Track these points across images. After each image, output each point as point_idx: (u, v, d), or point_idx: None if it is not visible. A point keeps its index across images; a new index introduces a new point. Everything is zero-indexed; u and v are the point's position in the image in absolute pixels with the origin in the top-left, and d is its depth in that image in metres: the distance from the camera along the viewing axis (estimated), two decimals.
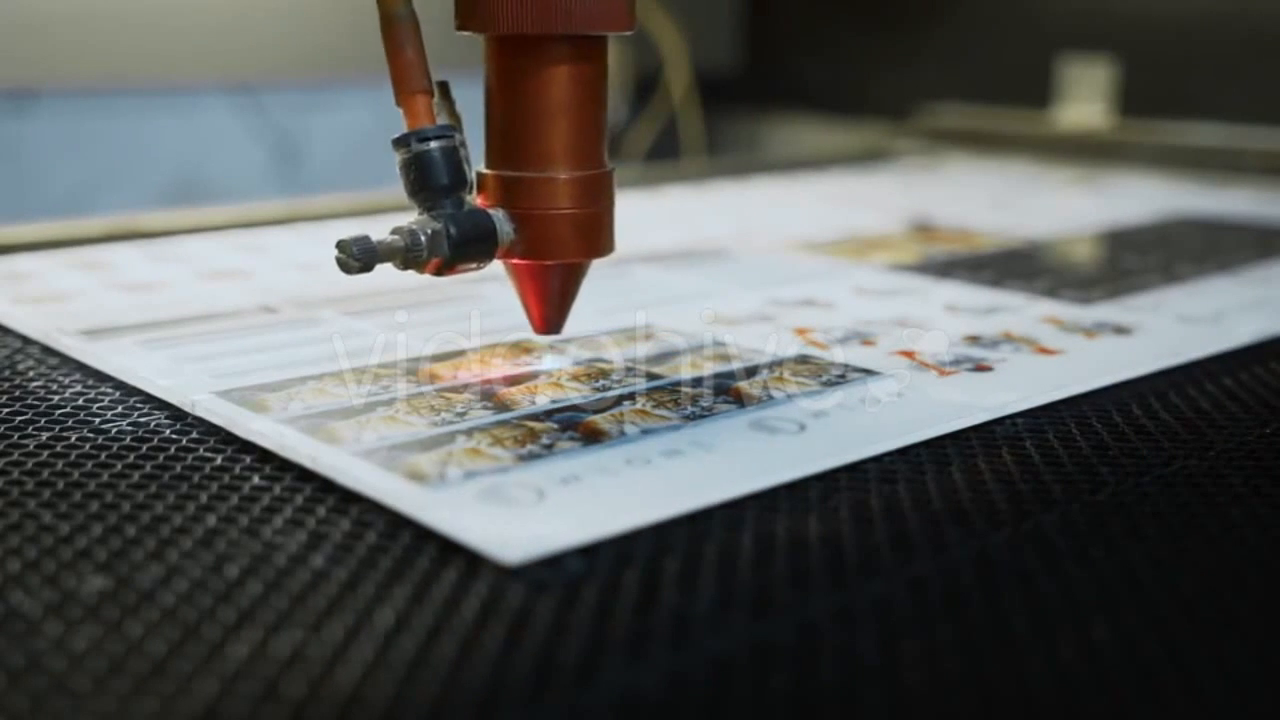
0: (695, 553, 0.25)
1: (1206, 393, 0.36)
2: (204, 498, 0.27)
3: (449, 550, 0.25)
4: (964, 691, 0.20)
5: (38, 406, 0.33)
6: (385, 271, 0.48)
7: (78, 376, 0.36)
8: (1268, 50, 0.87)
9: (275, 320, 0.42)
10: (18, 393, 0.34)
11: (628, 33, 0.33)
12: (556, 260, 0.34)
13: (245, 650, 0.21)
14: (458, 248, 0.32)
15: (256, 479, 0.28)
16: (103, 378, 0.36)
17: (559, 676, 0.20)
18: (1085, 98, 0.95)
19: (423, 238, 0.32)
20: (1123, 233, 0.62)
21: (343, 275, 0.34)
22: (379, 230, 0.33)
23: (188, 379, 0.34)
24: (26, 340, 0.40)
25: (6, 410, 0.33)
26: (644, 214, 0.65)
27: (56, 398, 0.34)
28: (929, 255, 0.55)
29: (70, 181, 0.87)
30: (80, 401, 0.33)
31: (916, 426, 0.32)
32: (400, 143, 0.32)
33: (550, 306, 0.35)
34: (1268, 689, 0.21)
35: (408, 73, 0.32)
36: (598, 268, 0.36)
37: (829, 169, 0.84)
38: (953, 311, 0.44)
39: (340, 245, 0.32)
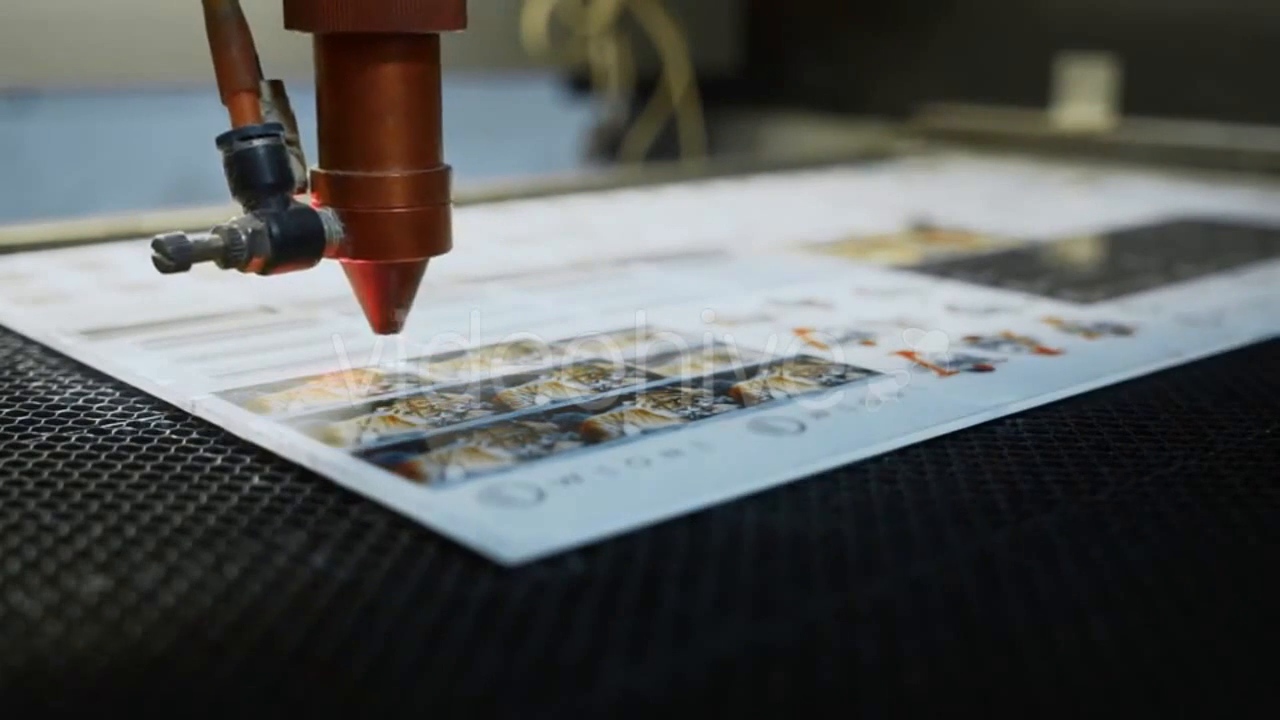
0: (695, 553, 0.25)
1: (1206, 393, 0.36)
2: (204, 498, 0.27)
3: (449, 550, 0.25)
4: (964, 691, 0.20)
5: (38, 406, 0.33)
6: None
7: (78, 376, 0.36)
8: (1268, 50, 0.87)
9: (275, 320, 0.42)
10: (18, 393, 0.34)
11: (458, 30, 0.33)
12: (388, 259, 0.33)
13: (245, 650, 0.21)
14: (280, 247, 0.32)
15: (256, 479, 0.28)
16: (103, 378, 0.36)
17: (559, 676, 0.20)
18: (1085, 98, 0.95)
19: (243, 236, 0.32)
20: (1123, 233, 0.62)
21: (343, 275, 0.34)
22: None
23: (188, 379, 0.34)
24: (26, 340, 0.40)
25: (6, 410, 0.33)
26: (644, 214, 0.65)
27: (56, 398, 0.34)
28: (929, 255, 0.55)
29: (70, 181, 0.87)
30: (80, 401, 0.33)
31: (916, 426, 0.32)
32: (223, 141, 0.32)
33: (385, 306, 0.34)
34: (1268, 689, 0.21)
35: (232, 71, 0.32)
36: (599, 268, 0.36)
37: (829, 169, 0.84)
38: (953, 311, 0.44)
39: (155, 244, 0.31)
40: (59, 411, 0.33)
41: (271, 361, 0.36)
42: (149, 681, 0.20)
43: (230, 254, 0.32)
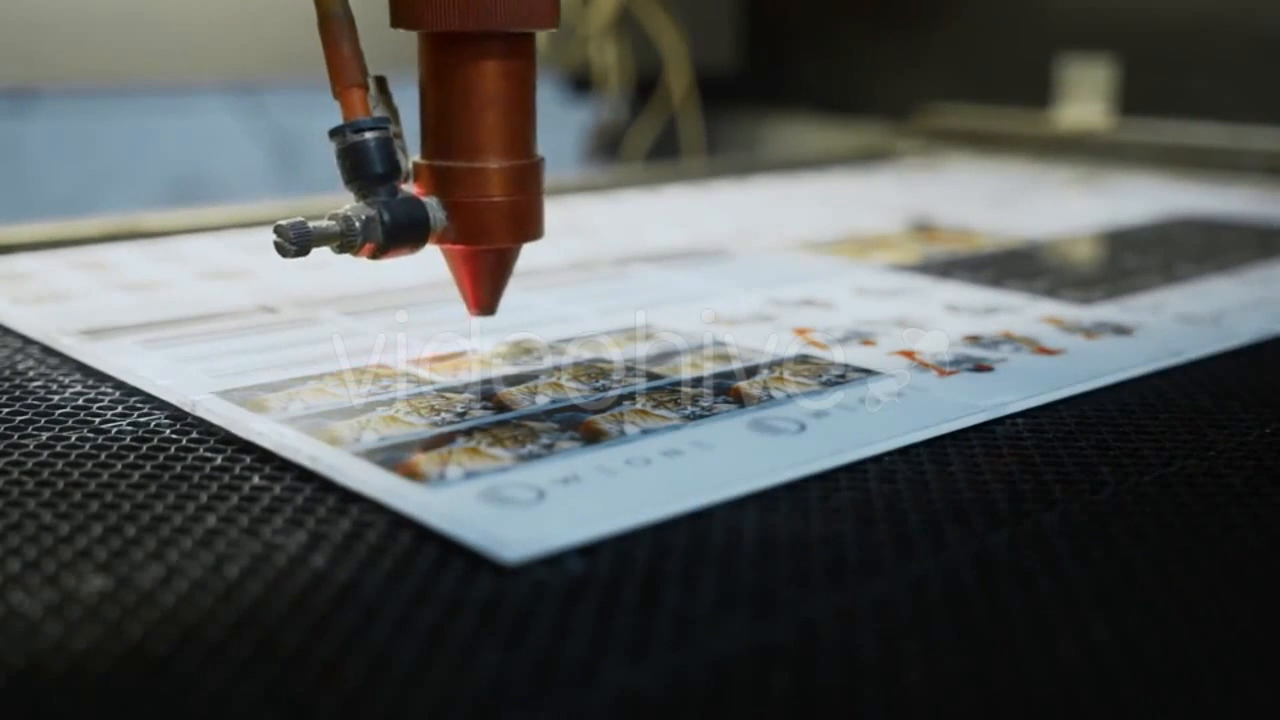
0: (695, 553, 0.25)
1: (1206, 393, 0.36)
2: (204, 498, 0.27)
3: (449, 550, 0.25)
4: (964, 691, 0.20)
5: (38, 406, 0.33)
6: (385, 270, 0.48)
7: (78, 376, 0.36)
8: (1268, 50, 0.87)
9: (275, 320, 0.42)
10: (18, 393, 0.34)
11: (552, 29, 0.34)
12: (486, 246, 0.35)
13: (246, 651, 0.21)
14: (391, 233, 0.34)
15: (256, 479, 0.28)
16: (103, 378, 0.36)
17: (559, 676, 0.20)
18: (1085, 98, 0.95)
19: (357, 223, 0.33)
20: (1123, 233, 0.62)
21: (343, 275, 0.34)
22: None
23: (188, 379, 0.34)
24: (26, 340, 0.40)
25: (6, 410, 0.33)
26: (644, 214, 0.65)
27: (56, 398, 0.34)
28: (929, 255, 0.55)
29: (70, 181, 0.87)
30: (80, 401, 0.33)
31: (916, 426, 0.32)
32: (336, 133, 0.34)
33: (483, 289, 0.36)
34: (1268, 689, 0.21)
35: (344, 67, 0.34)
36: (599, 268, 0.36)
37: (829, 169, 0.84)
38: (953, 311, 0.44)
39: (277, 229, 0.33)
40: (59, 411, 0.33)
41: (271, 361, 0.36)
42: (149, 681, 0.20)
43: (345, 239, 0.33)
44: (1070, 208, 0.70)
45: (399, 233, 0.34)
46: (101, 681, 0.20)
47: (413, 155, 0.35)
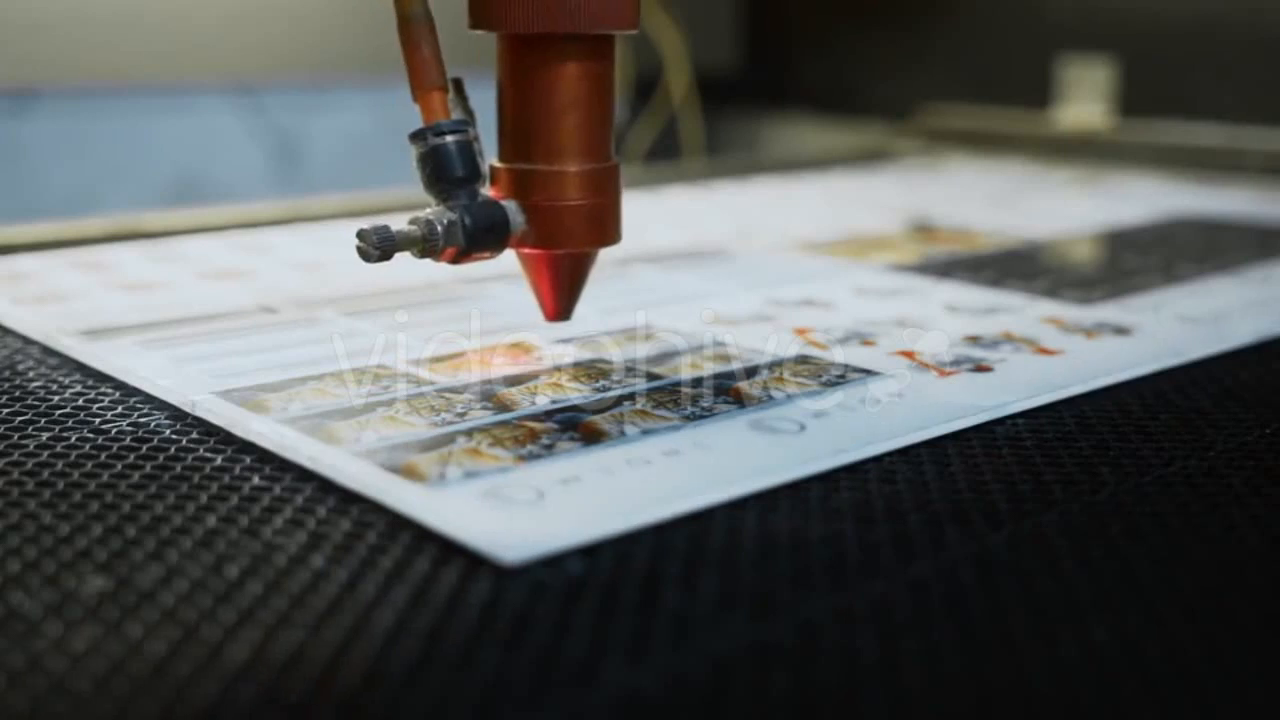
0: (695, 553, 0.25)
1: (1206, 393, 0.36)
2: (204, 498, 0.27)
3: (449, 550, 0.25)
4: (963, 691, 0.20)
5: (38, 406, 0.33)
6: (385, 270, 0.48)
7: (78, 376, 0.36)
8: (1268, 50, 0.87)
9: (275, 320, 0.42)
10: (18, 393, 0.34)
11: (632, 31, 0.34)
12: (566, 250, 0.35)
13: (245, 651, 0.21)
14: (472, 237, 0.33)
15: (256, 479, 0.28)
16: (103, 378, 0.36)
17: (559, 676, 0.20)
18: (1085, 98, 0.95)
19: (439, 227, 0.33)
20: (1123, 233, 0.62)
21: (343, 275, 0.34)
22: None
23: (188, 379, 0.34)
24: (26, 340, 0.40)
25: (6, 410, 0.33)
26: (644, 214, 0.65)
27: (56, 398, 0.34)
28: (929, 255, 0.55)
29: (70, 181, 0.87)
30: (80, 401, 0.33)
31: (916, 426, 0.32)
32: (417, 137, 0.34)
33: (560, 294, 0.36)
34: (1268, 689, 0.21)
35: (424, 70, 0.33)
36: (598, 268, 0.36)
37: (829, 169, 0.84)
38: (953, 311, 0.44)
39: (360, 234, 0.33)
40: (59, 411, 0.33)
41: (271, 361, 0.36)
42: (149, 681, 0.20)
43: (427, 243, 0.33)
44: (1070, 208, 0.70)
45: (480, 236, 0.34)
46: (101, 681, 0.20)
47: (489, 158, 0.35)
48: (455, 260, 0.34)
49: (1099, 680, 0.21)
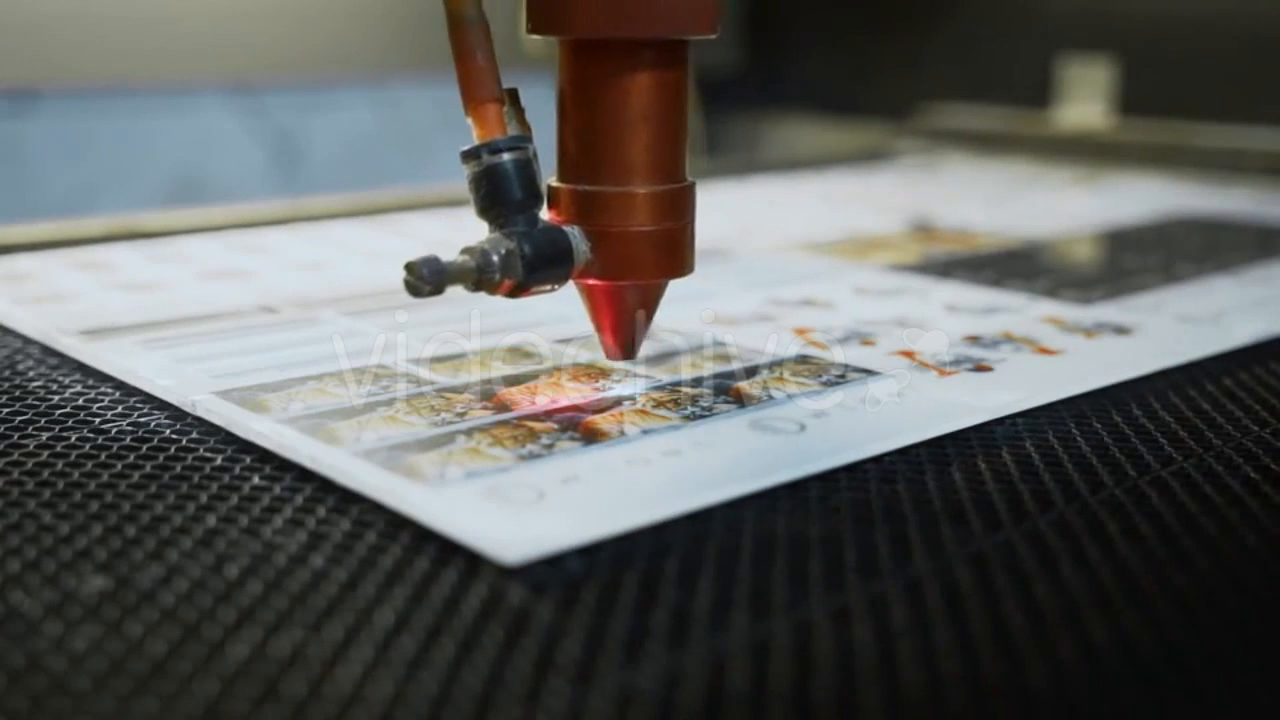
0: (695, 553, 0.25)
1: (1206, 393, 0.36)
2: (204, 498, 0.27)
3: (449, 550, 0.25)
4: (962, 692, 0.20)
5: (38, 406, 0.33)
6: (384, 272, 0.48)
7: (78, 376, 0.36)
8: (1268, 50, 0.87)
9: (275, 320, 0.42)
10: (18, 393, 0.34)
11: (711, 35, 0.31)
12: (635, 281, 0.32)
13: (245, 650, 0.21)
14: (532, 268, 0.30)
15: (256, 479, 0.28)
16: (103, 378, 0.36)
17: (559, 676, 0.20)
18: (1085, 98, 0.95)
19: (495, 258, 0.30)
20: (1123, 233, 0.62)
21: (343, 275, 0.34)
22: (380, 231, 0.33)
23: (188, 379, 0.34)
24: (26, 340, 0.40)
25: (6, 410, 0.33)
26: None
27: (56, 398, 0.34)
28: (929, 255, 0.55)
29: (70, 181, 0.87)
30: (80, 401, 0.33)
31: (916, 426, 0.32)
32: (471, 155, 0.31)
33: (625, 330, 0.33)
34: (1267, 689, 0.21)
35: (478, 80, 0.30)
36: None
37: (829, 169, 0.84)
38: (953, 311, 0.44)
39: (409, 267, 0.29)
40: (59, 411, 0.33)
41: (271, 361, 0.36)
42: (149, 681, 0.20)
43: (483, 276, 0.30)
44: (1070, 208, 0.70)
45: (541, 267, 0.30)
46: (101, 681, 0.20)
47: (548, 178, 0.32)
48: (513, 294, 0.31)
49: (1097, 681, 0.21)
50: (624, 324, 0.33)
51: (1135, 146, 0.88)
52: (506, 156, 0.30)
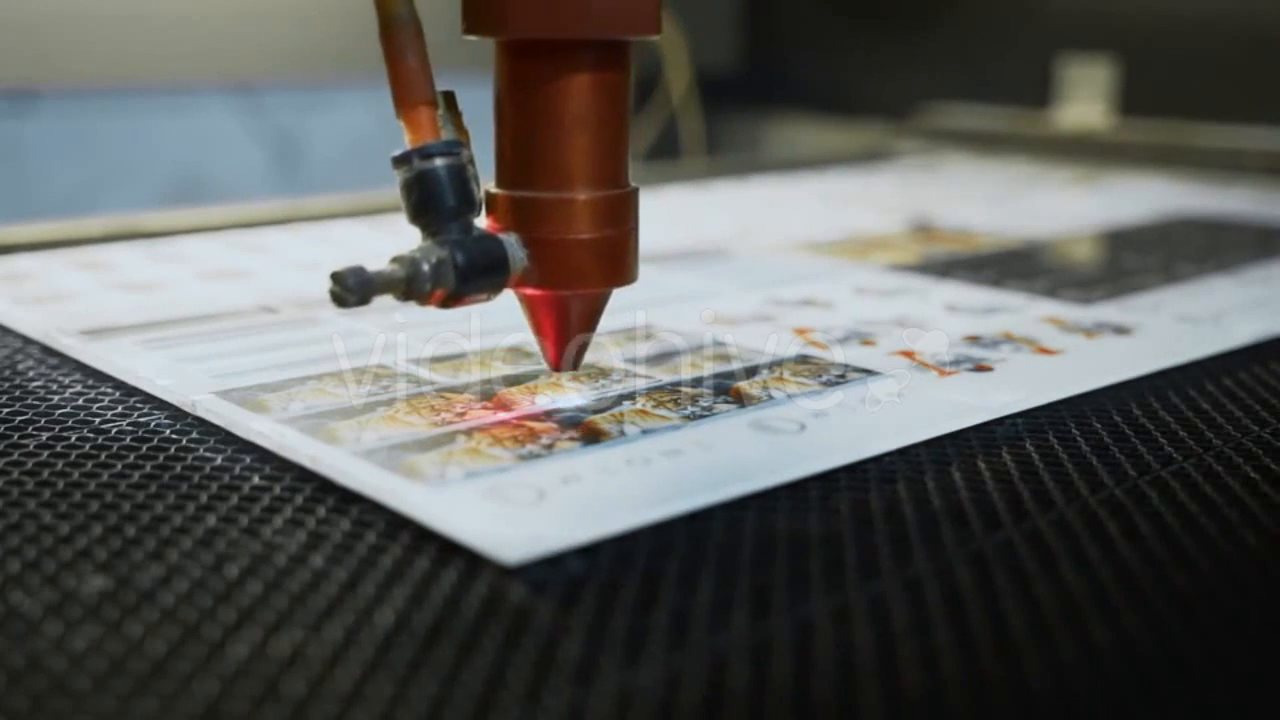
0: (695, 553, 0.25)
1: (1206, 393, 0.36)
2: (204, 498, 0.27)
3: (449, 550, 0.25)
4: (962, 692, 0.20)
5: (38, 406, 0.33)
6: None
7: (78, 376, 0.36)
8: (1268, 50, 0.87)
9: (275, 320, 0.42)
10: (18, 393, 0.34)
11: (654, 36, 0.30)
12: (575, 290, 0.31)
13: (245, 650, 0.21)
14: (465, 278, 0.29)
15: (256, 479, 0.28)
16: (103, 378, 0.36)
17: (559, 676, 0.20)
18: (1085, 98, 0.95)
19: (426, 267, 0.29)
20: (1123, 233, 0.62)
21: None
22: (380, 231, 0.33)
23: (188, 379, 0.34)
24: (26, 340, 0.40)
25: (6, 410, 0.33)
26: (644, 214, 0.64)
27: (56, 398, 0.34)
28: (929, 255, 0.55)
29: (70, 181, 0.87)
30: (80, 401, 0.33)
31: (916, 426, 0.32)
32: (402, 161, 0.30)
33: (567, 341, 0.32)
34: (1267, 689, 0.21)
35: (410, 82, 0.29)
36: None
37: (829, 169, 0.84)
38: (953, 311, 0.44)
39: (335, 277, 0.28)
40: (59, 411, 0.33)
41: (271, 361, 0.36)
42: (149, 681, 0.20)
43: (412, 286, 0.29)
44: (1070, 208, 0.70)
45: (475, 276, 0.29)
46: (101, 681, 0.20)
47: (485, 183, 0.31)
48: (445, 304, 0.30)
49: (1097, 681, 0.21)
50: (565, 335, 0.32)
51: (1135, 146, 0.88)
52: (439, 162, 0.29)
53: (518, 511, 0.26)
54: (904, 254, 0.55)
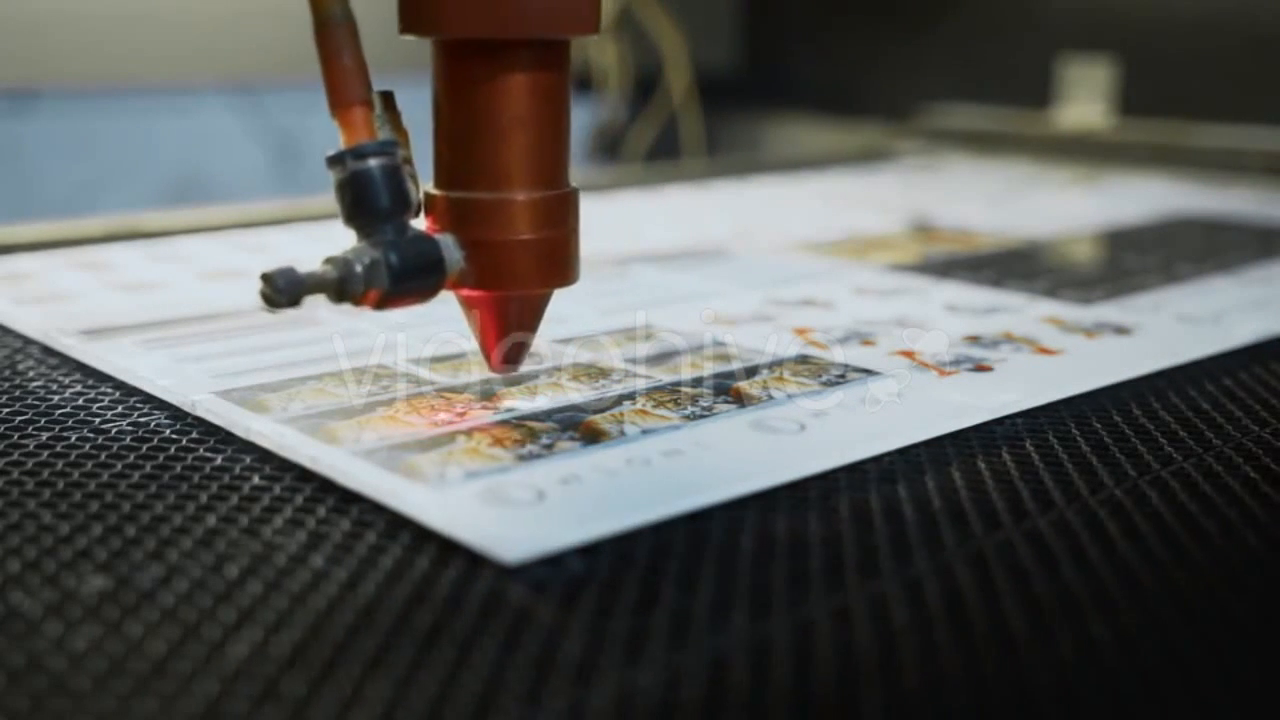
0: (695, 553, 0.25)
1: (1206, 393, 0.36)
2: (204, 498, 0.27)
3: (449, 550, 0.25)
4: (962, 692, 0.20)
5: (38, 406, 0.33)
6: None
7: (78, 376, 0.36)
8: (1268, 50, 0.87)
9: (275, 320, 0.42)
10: (18, 393, 0.34)
11: (592, 35, 0.30)
12: (512, 291, 0.31)
13: (245, 650, 0.21)
14: (399, 279, 0.29)
15: (256, 479, 0.28)
16: (103, 378, 0.36)
17: (559, 676, 0.20)
18: (1085, 98, 0.95)
19: (359, 268, 0.29)
20: (1123, 233, 0.62)
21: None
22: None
23: (188, 379, 0.34)
24: (26, 340, 0.40)
25: (6, 410, 0.33)
26: (644, 214, 0.65)
27: (56, 398, 0.34)
28: (929, 255, 0.55)
29: (70, 181, 0.87)
30: (80, 401, 0.33)
31: (916, 426, 0.32)
32: (335, 161, 0.29)
33: (506, 342, 0.32)
34: (1267, 689, 0.21)
35: (345, 82, 0.29)
36: (599, 267, 0.36)
37: (829, 169, 0.84)
38: (953, 311, 0.44)
39: (265, 278, 0.28)
40: (59, 411, 0.33)
41: (271, 361, 0.36)
42: (149, 681, 0.20)
43: (345, 287, 0.29)
44: (1070, 208, 0.70)
45: (408, 278, 0.29)
46: (101, 681, 0.20)
47: (424, 184, 0.31)
48: (380, 305, 0.29)
49: (1097, 681, 0.21)
50: (503, 336, 0.32)
51: (1135, 146, 0.88)
52: (373, 162, 0.29)
53: (517, 511, 0.26)
54: (904, 254, 0.55)
